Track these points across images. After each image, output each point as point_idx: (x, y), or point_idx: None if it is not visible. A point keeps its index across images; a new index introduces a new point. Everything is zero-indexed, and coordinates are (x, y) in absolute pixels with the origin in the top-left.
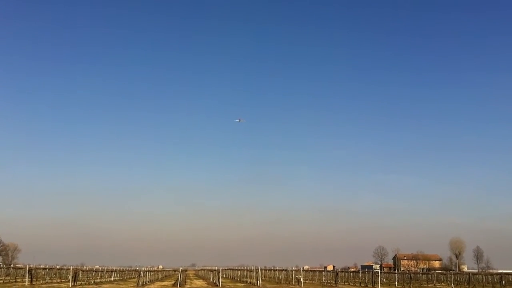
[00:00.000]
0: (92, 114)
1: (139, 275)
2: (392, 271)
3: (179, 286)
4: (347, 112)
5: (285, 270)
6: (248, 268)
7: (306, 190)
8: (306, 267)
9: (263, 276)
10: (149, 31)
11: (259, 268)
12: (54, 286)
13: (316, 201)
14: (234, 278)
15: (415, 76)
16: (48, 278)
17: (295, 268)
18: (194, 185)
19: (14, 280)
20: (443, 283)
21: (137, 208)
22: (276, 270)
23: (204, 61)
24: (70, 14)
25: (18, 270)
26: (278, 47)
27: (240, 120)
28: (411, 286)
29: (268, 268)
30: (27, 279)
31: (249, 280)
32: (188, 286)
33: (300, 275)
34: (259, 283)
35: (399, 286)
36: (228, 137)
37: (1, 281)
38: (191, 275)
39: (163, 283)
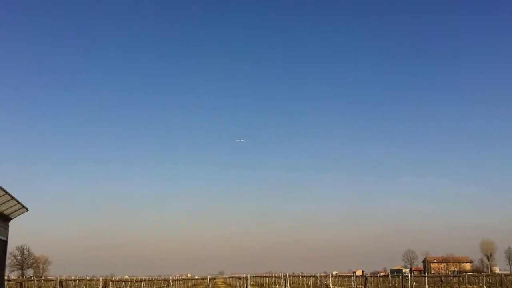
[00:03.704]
0: (113, 125)
1: (168, 284)
2: (422, 274)
3: None
4: (370, 118)
5: (314, 276)
6: (276, 275)
7: (332, 196)
8: (334, 273)
9: (291, 282)
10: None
11: (287, 274)
12: None
13: (343, 206)
14: (263, 285)
15: (436, 78)
16: None
17: (324, 274)
18: (220, 193)
19: None
20: (475, 285)
21: (164, 218)
22: (305, 276)
23: (213, 67)
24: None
25: (49, 282)
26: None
27: (240, 140)
28: None
29: (296, 275)
30: None
31: (277, 287)
32: None
33: (329, 280)
34: None
35: None
36: (251, 144)
37: None
38: (219, 283)
39: None
